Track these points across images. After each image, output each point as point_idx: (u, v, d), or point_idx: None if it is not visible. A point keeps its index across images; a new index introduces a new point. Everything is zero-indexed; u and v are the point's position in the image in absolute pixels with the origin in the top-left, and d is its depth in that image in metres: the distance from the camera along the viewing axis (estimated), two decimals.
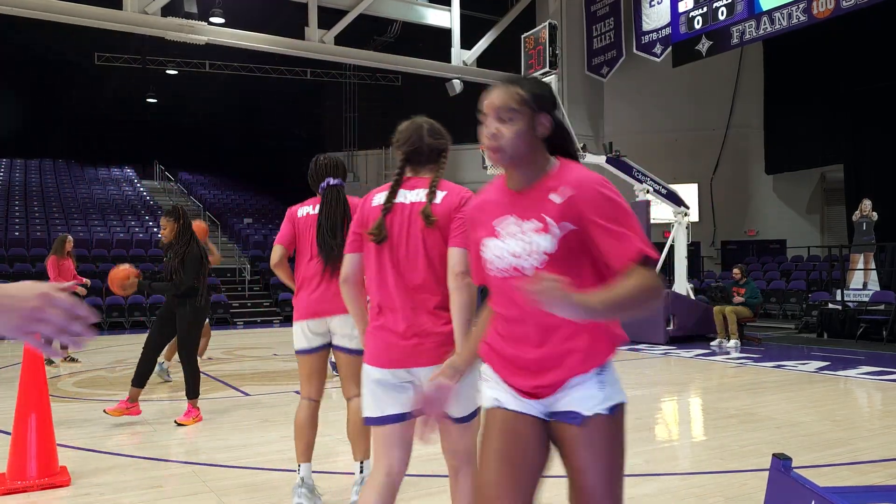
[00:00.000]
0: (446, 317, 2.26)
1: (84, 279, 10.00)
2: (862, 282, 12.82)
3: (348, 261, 2.45)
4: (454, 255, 2.25)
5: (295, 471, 3.65)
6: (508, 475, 1.76)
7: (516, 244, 1.74)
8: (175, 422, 5.61)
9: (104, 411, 5.72)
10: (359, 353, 3.02)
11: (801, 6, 12.57)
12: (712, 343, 11.21)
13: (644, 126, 19.52)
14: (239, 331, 15.80)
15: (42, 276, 14.27)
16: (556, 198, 1.71)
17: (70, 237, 9.63)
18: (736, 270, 11.69)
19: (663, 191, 12.80)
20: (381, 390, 2.29)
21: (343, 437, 5.10)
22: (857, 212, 12.79)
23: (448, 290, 2.26)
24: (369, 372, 2.31)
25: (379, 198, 2.40)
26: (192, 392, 5.69)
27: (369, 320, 2.40)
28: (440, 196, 2.36)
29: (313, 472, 3.69)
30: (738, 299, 11.22)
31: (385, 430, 2.31)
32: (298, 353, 3.59)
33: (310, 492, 3.50)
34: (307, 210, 3.60)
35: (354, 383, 3.29)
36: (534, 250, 1.71)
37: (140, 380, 5.65)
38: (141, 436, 5.30)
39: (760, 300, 11.36)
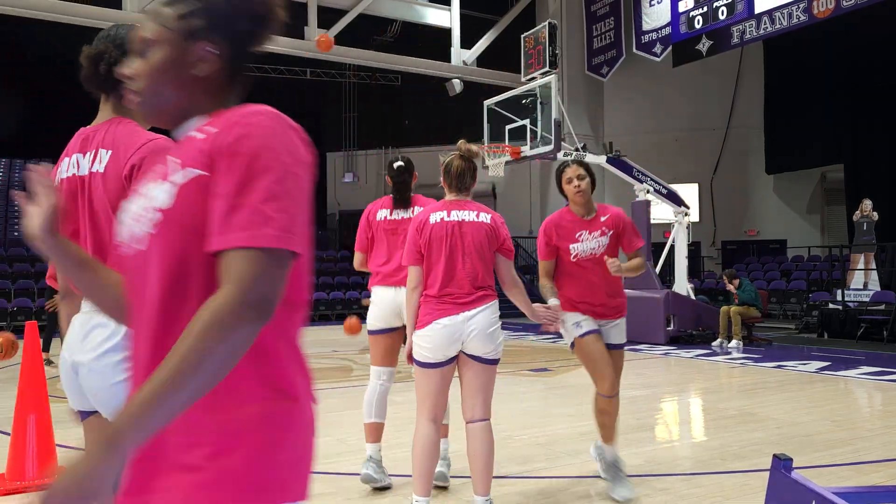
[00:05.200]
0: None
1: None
2: (862, 282, 12.81)
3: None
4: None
5: None
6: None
7: (139, 204, 1.16)
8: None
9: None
10: None
11: (801, 6, 12.57)
12: (713, 343, 11.20)
13: (644, 126, 19.51)
14: None
15: (41, 275, 14.26)
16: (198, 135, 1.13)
17: None
18: (726, 280, 11.70)
19: (663, 191, 12.80)
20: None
21: (343, 438, 5.10)
22: (858, 212, 12.79)
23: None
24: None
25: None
26: None
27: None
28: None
29: (319, 472, 3.68)
30: (742, 308, 11.19)
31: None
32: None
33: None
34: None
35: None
36: (149, 208, 1.12)
37: None
38: None
39: (755, 295, 11.35)
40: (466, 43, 18.51)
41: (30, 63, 25.98)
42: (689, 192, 17.33)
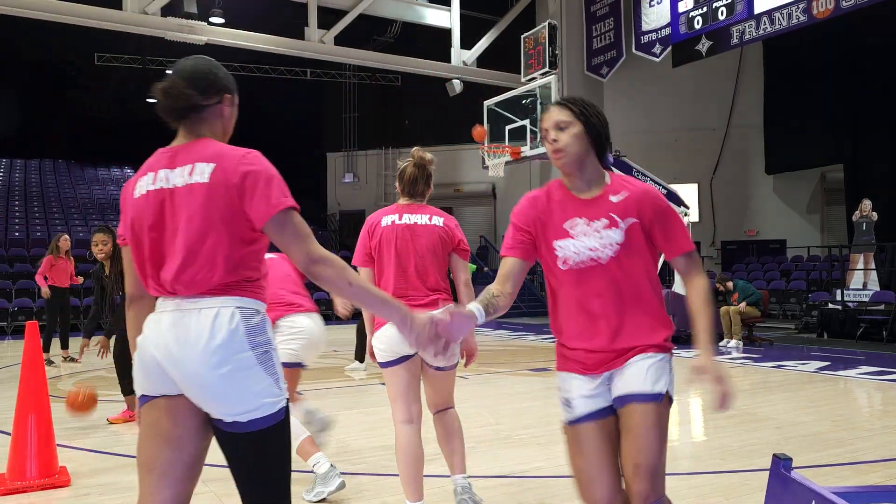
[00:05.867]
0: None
1: (79, 279, 10.02)
2: (862, 282, 12.81)
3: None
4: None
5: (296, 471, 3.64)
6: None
7: None
8: (108, 420, 5.74)
9: (107, 420, 5.73)
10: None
11: (800, 6, 12.56)
12: (720, 343, 11.15)
13: (644, 126, 19.51)
14: None
15: None
16: None
17: (65, 236, 9.57)
18: (719, 286, 11.69)
19: (663, 191, 12.80)
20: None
21: (343, 438, 5.10)
22: (857, 212, 12.79)
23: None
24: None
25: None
26: (127, 390, 5.70)
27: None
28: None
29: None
30: (742, 307, 11.13)
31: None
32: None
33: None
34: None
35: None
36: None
37: (129, 388, 5.65)
38: None
39: (759, 295, 11.33)
40: (466, 43, 18.50)
41: (30, 63, 25.99)
42: (688, 192, 17.33)
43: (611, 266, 2.15)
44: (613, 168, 2.29)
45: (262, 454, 1.86)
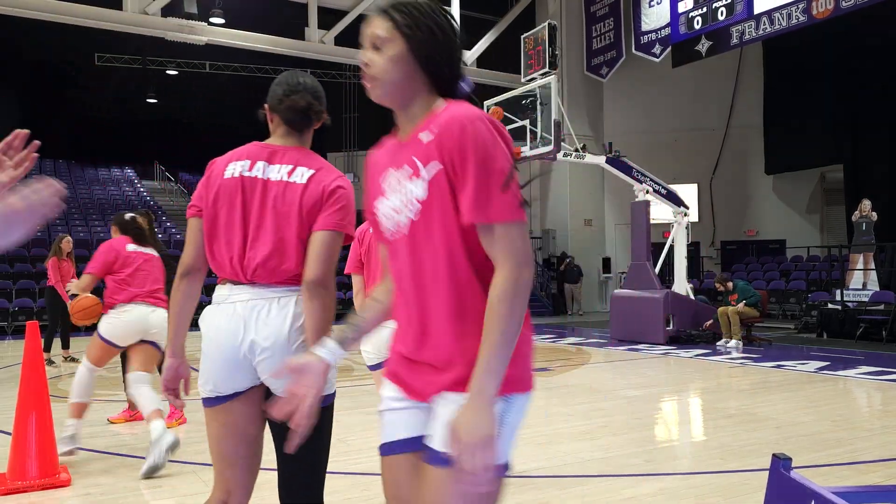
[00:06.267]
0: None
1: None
2: (861, 282, 12.82)
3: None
4: None
5: None
6: None
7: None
8: (108, 420, 5.82)
9: (108, 420, 5.76)
10: None
11: (800, 6, 12.58)
12: (718, 343, 11.17)
13: (644, 126, 19.52)
14: None
15: (42, 276, 14.26)
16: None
17: (68, 237, 9.58)
18: (718, 286, 11.71)
19: (663, 191, 12.81)
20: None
21: (343, 437, 5.11)
22: (857, 212, 12.80)
23: None
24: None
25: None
26: None
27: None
28: None
29: None
30: (741, 307, 11.11)
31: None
32: None
33: None
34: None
35: None
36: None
37: None
38: (141, 436, 5.30)
39: (758, 296, 11.33)
40: (466, 43, 18.54)
41: (30, 63, 26.00)
42: (688, 192, 17.34)
43: (413, 236, 1.45)
44: (475, 100, 1.51)
45: (320, 430, 2.06)
